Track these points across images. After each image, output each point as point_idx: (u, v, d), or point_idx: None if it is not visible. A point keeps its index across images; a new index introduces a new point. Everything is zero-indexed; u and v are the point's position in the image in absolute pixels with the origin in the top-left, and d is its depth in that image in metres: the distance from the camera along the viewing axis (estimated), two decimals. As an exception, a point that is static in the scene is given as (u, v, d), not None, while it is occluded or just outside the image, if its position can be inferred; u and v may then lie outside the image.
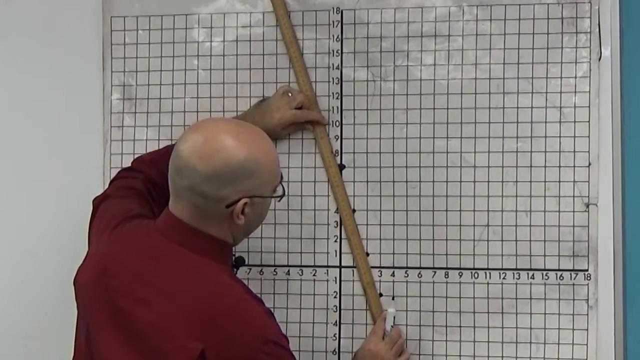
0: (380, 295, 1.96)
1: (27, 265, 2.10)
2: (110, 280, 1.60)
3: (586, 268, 1.91)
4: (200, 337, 1.50)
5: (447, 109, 1.96)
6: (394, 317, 1.92)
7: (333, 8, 2.00)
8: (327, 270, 1.99)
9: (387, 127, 1.97)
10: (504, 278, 1.93)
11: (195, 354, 1.49)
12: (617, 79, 1.92)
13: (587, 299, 1.91)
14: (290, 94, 1.94)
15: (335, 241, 1.99)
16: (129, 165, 1.92)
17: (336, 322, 1.99)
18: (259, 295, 1.66)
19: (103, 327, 1.59)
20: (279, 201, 1.69)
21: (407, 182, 1.97)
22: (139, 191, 1.82)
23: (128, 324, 1.56)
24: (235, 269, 1.75)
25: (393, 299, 1.95)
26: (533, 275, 1.92)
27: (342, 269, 1.99)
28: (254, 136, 1.62)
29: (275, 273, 2.01)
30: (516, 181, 1.93)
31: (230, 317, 1.53)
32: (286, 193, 1.69)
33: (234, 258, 1.72)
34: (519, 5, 1.93)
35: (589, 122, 1.91)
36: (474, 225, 1.94)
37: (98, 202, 1.82)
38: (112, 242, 1.68)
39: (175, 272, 1.57)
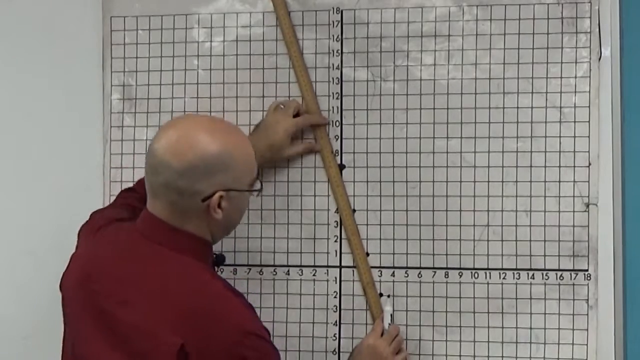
0: (380, 295, 1.96)
1: (27, 265, 2.10)
2: (93, 283, 1.61)
3: (586, 268, 1.91)
4: (180, 332, 1.51)
5: (447, 109, 1.96)
6: (391, 315, 1.92)
7: (333, 8, 2.00)
8: (327, 270, 1.99)
9: (387, 127, 1.98)
10: (504, 278, 1.93)
11: (175, 349, 1.50)
12: (617, 79, 1.92)
13: (587, 299, 1.91)
14: (282, 106, 1.94)
15: (335, 241, 1.99)
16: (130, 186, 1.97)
17: (336, 322, 1.99)
18: (242, 293, 1.67)
19: (88, 330, 1.60)
20: (256, 196, 1.70)
21: (407, 182, 1.97)
22: (135, 207, 1.83)
23: (112, 326, 1.56)
24: (215, 267, 1.74)
25: (388, 296, 1.95)
26: (533, 275, 1.92)
27: (342, 269, 1.99)
28: (228, 130, 1.64)
29: (275, 273, 2.01)
30: (516, 181, 1.93)
31: (210, 312, 1.54)
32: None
33: (214, 256, 1.72)
34: (519, 5, 1.93)
35: (589, 122, 1.91)
36: (474, 225, 1.94)
37: (92, 214, 1.85)
38: (94, 244, 1.70)
39: (155, 271, 1.58)
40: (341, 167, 1.99)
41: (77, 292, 1.63)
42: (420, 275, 1.96)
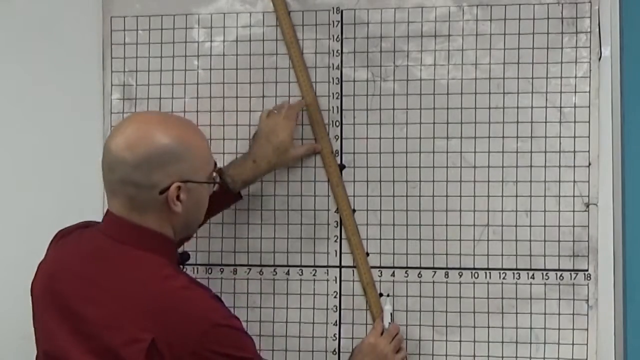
0: (380, 295, 1.96)
1: (27, 265, 2.09)
2: (58, 283, 1.62)
3: (586, 268, 1.91)
4: (149, 328, 1.51)
5: (447, 109, 1.96)
6: (391, 314, 1.92)
7: (333, 8, 2.00)
8: (327, 270, 1.99)
9: (387, 127, 1.97)
10: (504, 278, 1.93)
11: (146, 345, 1.50)
12: (617, 79, 1.92)
13: (587, 299, 1.91)
14: (275, 111, 1.94)
15: (335, 241, 1.99)
16: None
17: (336, 322, 1.99)
18: (217, 293, 1.69)
19: (56, 330, 1.60)
20: (214, 189, 1.70)
21: (407, 182, 1.97)
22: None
23: (79, 324, 1.57)
24: (181, 265, 1.74)
25: (388, 296, 1.95)
26: (533, 275, 1.92)
27: (342, 269, 1.99)
28: (180, 122, 1.66)
29: (275, 273, 2.01)
30: (516, 181, 1.93)
31: (176, 305, 1.54)
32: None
33: (178, 254, 1.72)
34: (519, 5, 1.93)
35: (589, 122, 1.91)
36: (474, 225, 1.94)
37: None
38: (59, 248, 1.71)
39: (119, 268, 1.58)
40: (341, 167, 1.99)
41: (43, 294, 1.64)
42: (420, 275, 1.96)
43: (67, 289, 1.61)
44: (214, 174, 1.69)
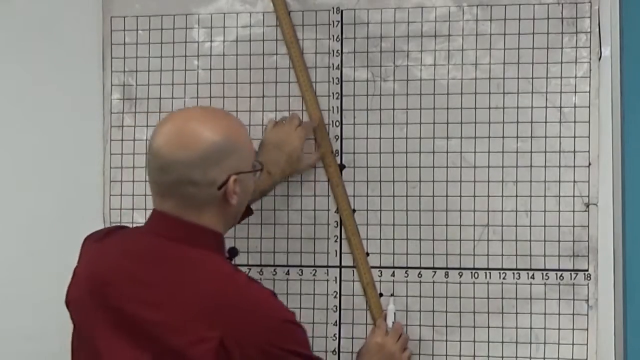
0: (381, 295, 1.96)
1: (27, 265, 2.10)
2: (108, 289, 1.58)
3: (586, 268, 1.91)
4: (216, 327, 1.49)
5: (447, 109, 1.96)
6: (395, 314, 1.92)
7: (333, 8, 2.00)
8: (327, 270, 1.99)
9: (387, 127, 1.98)
10: (504, 278, 1.93)
11: (215, 344, 1.48)
12: (617, 79, 1.92)
13: (587, 299, 1.91)
14: (284, 121, 1.94)
15: (336, 241, 1.99)
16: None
17: (336, 322, 1.99)
18: None
19: (109, 337, 1.56)
20: (259, 176, 1.70)
21: (407, 182, 1.97)
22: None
23: (136, 328, 1.54)
24: (230, 260, 1.74)
25: (392, 295, 1.95)
26: (533, 275, 1.92)
27: (342, 269, 1.99)
28: (222, 115, 1.67)
29: (275, 273, 2.01)
30: (516, 181, 1.93)
31: (243, 302, 1.52)
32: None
33: (228, 249, 1.71)
34: (519, 5, 1.93)
35: (589, 122, 1.91)
36: (474, 225, 1.94)
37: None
38: (101, 252, 1.66)
39: (177, 268, 1.56)
40: (341, 167, 1.99)
41: (90, 301, 1.60)
42: (420, 275, 1.96)
43: (119, 293, 1.57)
44: (255, 161, 1.67)
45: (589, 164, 1.91)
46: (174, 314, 1.52)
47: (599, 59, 1.91)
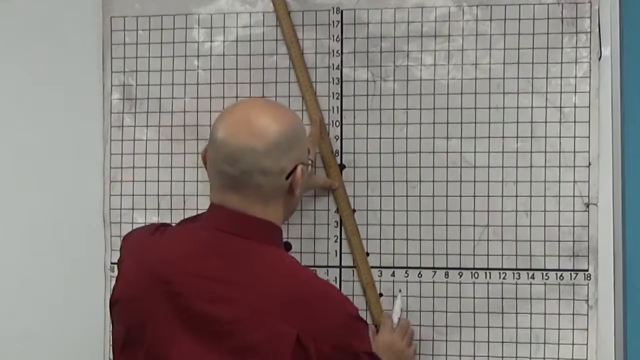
0: (380, 295, 1.96)
1: (27, 265, 2.10)
2: (170, 286, 1.53)
3: (586, 268, 1.91)
4: (292, 321, 1.47)
5: (447, 109, 1.96)
6: (401, 310, 1.92)
7: (333, 8, 2.00)
8: (327, 270, 1.99)
9: (387, 127, 1.98)
10: (504, 278, 1.93)
11: (292, 339, 1.46)
12: (617, 79, 1.92)
13: (587, 299, 1.91)
14: None
15: (336, 241, 1.99)
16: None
17: (336, 322, 1.98)
18: None
19: (175, 336, 1.52)
20: (312, 166, 1.70)
21: (407, 182, 1.97)
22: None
23: (206, 325, 1.50)
24: None
25: (400, 291, 1.95)
26: (533, 275, 1.92)
27: (342, 269, 1.99)
28: (283, 106, 1.70)
29: (275, 273, 2.01)
30: (516, 181, 1.93)
31: (315, 297, 1.51)
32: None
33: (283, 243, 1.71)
34: (519, 5, 1.93)
35: (589, 122, 1.91)
36: (474, 225, 1.94)
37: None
38: (157, 247, 1.61)
39: (243, 263, 1.53)
40: (341, 167, 1.99)
41: (149, 300, 1.55)
42: (420, 275, 1.96)
43: (184, 290, 1.52)
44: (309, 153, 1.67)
45: (589, 164, 1.91)
46: (247, 309, 1.48)
47: (599, 59, 1.91)
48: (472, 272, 1.94)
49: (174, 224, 1.84)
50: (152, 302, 1.54)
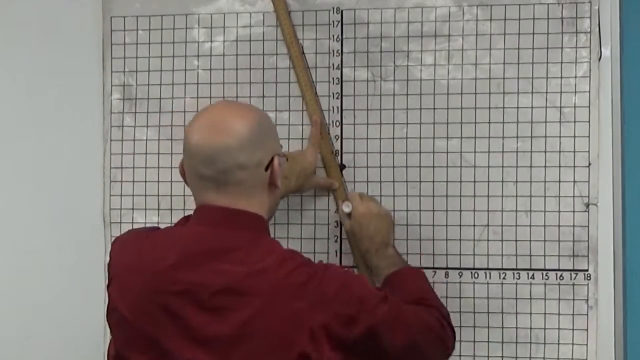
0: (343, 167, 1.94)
1: (27, 265, 2.10)
2: (175, 286, 1.52)
3: (586, 268, 1.91)
4: (320, 312, 1.49)
5: (447, 109, 1.96)
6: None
7: (333, 8, 2.00)
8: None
9: (387, 127, 1.98)
10: (504, 278, 1.94)
11: (319, 325, 1.48)
12: (617, 79, 1.92)
13: (587, 299, 1.91)
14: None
15: (336, 241, 1.99)
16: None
17: (336, 322, 1.98)
18: None
19: (182, 343, 1.51)
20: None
21: (407, 182, 1.97)
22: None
23: (224, 320, 1.49)
24: None
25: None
26: (533, 275, 1.92)
27: (342, 269, 1.99)
28: (244, 104, 1.75)
29: (275, 273, 2.01)
30: (516, 181, 1.93)
31: (337, 287, 1.52)
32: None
33: None
34: (519, 5, 1.93)
35: (589, 122, 1.92)
36: (474, 225, 1.94)
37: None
38: (154, 250, 1.59)
39: (252, 256, 1.53)
40: (341, 167, 1.99)
41: (150, 303, 1.54)
42: (420, 275, 1.96)
43: (195, 291, 1.51)
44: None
45: (589, 164, 1.91)
46: (263, 304, 1.49)
47: (599, 59, 1.91)
48: (472, 272, 1.94)
49: (163, 226, 1.83)
50: (152, 307, 1.53)
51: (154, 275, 1.55)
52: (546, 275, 1.92)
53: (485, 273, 1.94)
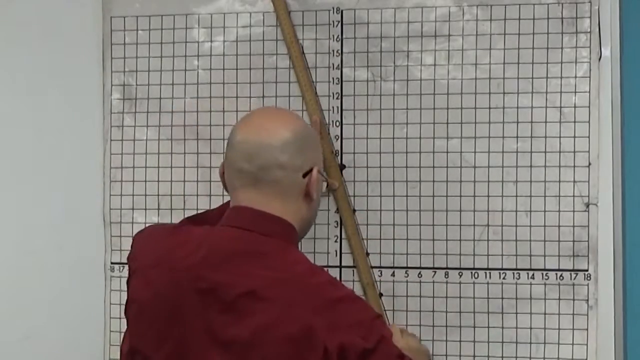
0: (380, 295, 1.96)
1: (27, 265, 2.10)
2: (200, 284, 1.51)
3: (586, 268, 1.91)
4: (319, 315, 1.47)
5: (447, 109, 1.96)
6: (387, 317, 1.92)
7: (333, 8, 2.00)
8: (327, 270, 1.98)
9: (387, 127, 1.98)
10: (504, 278, 1.94)
11: (324, 331, 1.46)
12: (617, 79, 1.92)
13: (587, 299, 1.91)
14: None
15: (336, 241, 1.99)
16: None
17: (336, 322, 1.98)
18: None
19: (206, 345, 1.51)
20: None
21: (407, 182, 1.97)
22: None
23: (243, 321, 1.49)
24: None
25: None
26: (533, 275, 1.92)
27: (342, 269, 1.99)
28: (295, 114, 1.78)
29: (275, 273, 2.01)
30: (516, 181, 1.93)
31: (345, 304, 1.51)
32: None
33: None
34: (519, 5, 1.93)
35: (589, 122, 1.92)
36: (474, 225, 1.94)
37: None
38: (179, 246, 1.58)
39: (277, 262, 1.53)
40: (341, 167, 1.99)
41: (175, 298, 1.53)
42: (420, 275, 1.96)
43: (221, 287, 1.50)
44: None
45: (589, 164, 1.91)
46: (283, 308, 1.48)
47: (599, 59, 1.91)
48: (472, 272, 1.94)
49: (179, 222, 1.82)
50: (175, 303, 1.53)
51: (183, 271, 1.53)
52: (546, 275, 1.92)
53: (485, 273, 1.94)
